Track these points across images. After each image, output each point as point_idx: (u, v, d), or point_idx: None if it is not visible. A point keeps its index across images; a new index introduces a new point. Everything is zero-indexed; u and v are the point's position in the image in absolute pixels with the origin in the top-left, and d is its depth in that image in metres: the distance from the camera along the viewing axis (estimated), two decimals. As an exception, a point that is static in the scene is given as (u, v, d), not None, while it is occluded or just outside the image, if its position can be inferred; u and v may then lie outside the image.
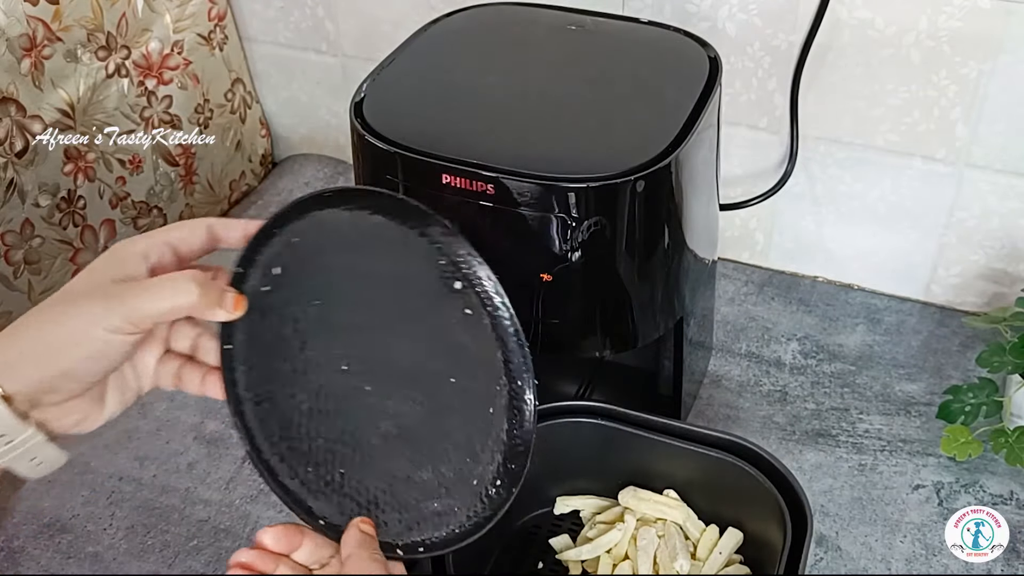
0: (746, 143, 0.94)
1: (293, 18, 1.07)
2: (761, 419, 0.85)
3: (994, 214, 0.88)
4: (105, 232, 0.95)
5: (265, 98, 1.17)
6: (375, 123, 0.67)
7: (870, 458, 0.81)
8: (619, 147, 0.65)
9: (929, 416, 0.83)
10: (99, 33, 0.90)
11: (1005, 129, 0.83)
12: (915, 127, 0.86)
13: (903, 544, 0.75)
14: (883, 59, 0.84)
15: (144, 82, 0.97)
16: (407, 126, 0.67)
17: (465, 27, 0.80)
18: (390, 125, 0.67)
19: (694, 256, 0.74)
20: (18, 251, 0.85)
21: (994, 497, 0.77)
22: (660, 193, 0.65)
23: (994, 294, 0.93)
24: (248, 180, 1.16)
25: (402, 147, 0.65)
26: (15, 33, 0.82)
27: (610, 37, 0.78)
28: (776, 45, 0.87)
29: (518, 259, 0.66)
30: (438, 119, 0.69)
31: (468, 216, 0.65)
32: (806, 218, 0.96)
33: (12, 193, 0.83)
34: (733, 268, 1.01)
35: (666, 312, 0.73)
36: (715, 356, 0.91)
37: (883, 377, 0.88)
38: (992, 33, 0.79)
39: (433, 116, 0.69)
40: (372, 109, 0.69)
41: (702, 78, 0.71)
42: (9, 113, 0.83)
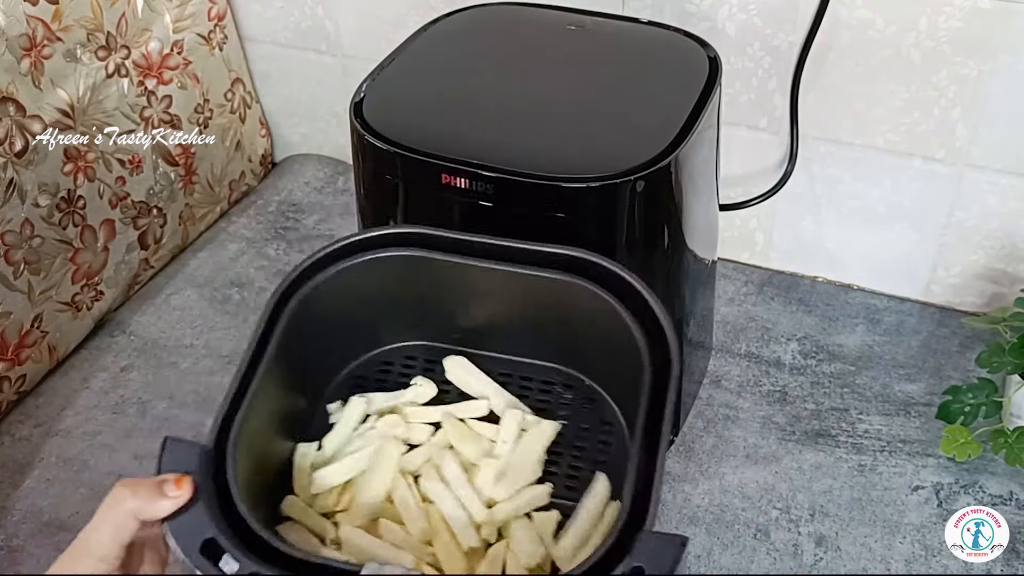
0: (746, 143, 0.93)
1: (293, 18, 1.07)
2: (761, 419, 0.85)
3: (994, 214, 0.88)
4: (105, 232, 0.95)
5: (265, 98, 1.17)
6: (375, 123, 0.67)
7: (870, 458, 0.81)
8: (619, 147, 0.65)
9: (929, 416, 0.83)
10: (99, 33, 0.90)
11: (1005, 129, 0.83)
12: (915, 127, 0.86)
13: (903, 545, 0.75)
14: (883, 59, 0.84)
15: (144, 82, 0.97)
16: (407, 126, 0.67)
17: (465, 27, 0.80)
18: (390, 125, 0.67)
19: (694, 256, 0.74)
20: (18, 251, 0.85)
21: (994, 497, 0.77)
22: (660, 193, 0.65)
23: (994, 294, 0.93)
24: (248, 180, 1.16)
25: (402, 147, 0.65)
26: (15, 33, 0.82)
27: (610, 37, 0.78)
28: (776, 45, 0.87)
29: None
30: (438, 119, 0.69)
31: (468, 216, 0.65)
32: (806, 218, 0.96)
33: (12, 193, 0.83)
34: (733, 268, 1.01)
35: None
36: (715, 356, 0.91)
37: (883, 377, 0.88)
38: (992, 33, 0.79)
39: (433, 116, 0.69)
40: (372, 109, 0.69)
41: (702, 78, 0.71)
42: (9, 113, 0.83)
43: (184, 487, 0.47)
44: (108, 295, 0.97)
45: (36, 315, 0.88)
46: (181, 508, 0.47)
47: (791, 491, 0.79)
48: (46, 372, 0.92)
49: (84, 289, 0.93)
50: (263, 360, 0.54)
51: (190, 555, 0.45)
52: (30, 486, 0.81)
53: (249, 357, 0.54)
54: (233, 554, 0.45)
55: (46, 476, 0.82)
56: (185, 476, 0.47)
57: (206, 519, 0.46)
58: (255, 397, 0.52)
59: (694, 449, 0.82)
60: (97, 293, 0.95)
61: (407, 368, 0.64)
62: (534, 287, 0.58)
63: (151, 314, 0.99)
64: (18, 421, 0.87)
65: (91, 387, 0.90)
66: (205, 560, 0.45)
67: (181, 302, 1.00)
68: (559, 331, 0.61)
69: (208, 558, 0.45)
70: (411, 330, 0.64)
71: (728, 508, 0.78)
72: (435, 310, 0.63)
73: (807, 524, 0.76)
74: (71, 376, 0.92)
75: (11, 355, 0.87)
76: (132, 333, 0.97)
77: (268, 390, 0.54)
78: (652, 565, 0.43)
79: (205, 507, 0.47)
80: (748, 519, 0.77)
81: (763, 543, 0.75)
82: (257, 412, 0.52)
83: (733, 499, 0.78)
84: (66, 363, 0.93)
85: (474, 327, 0.63)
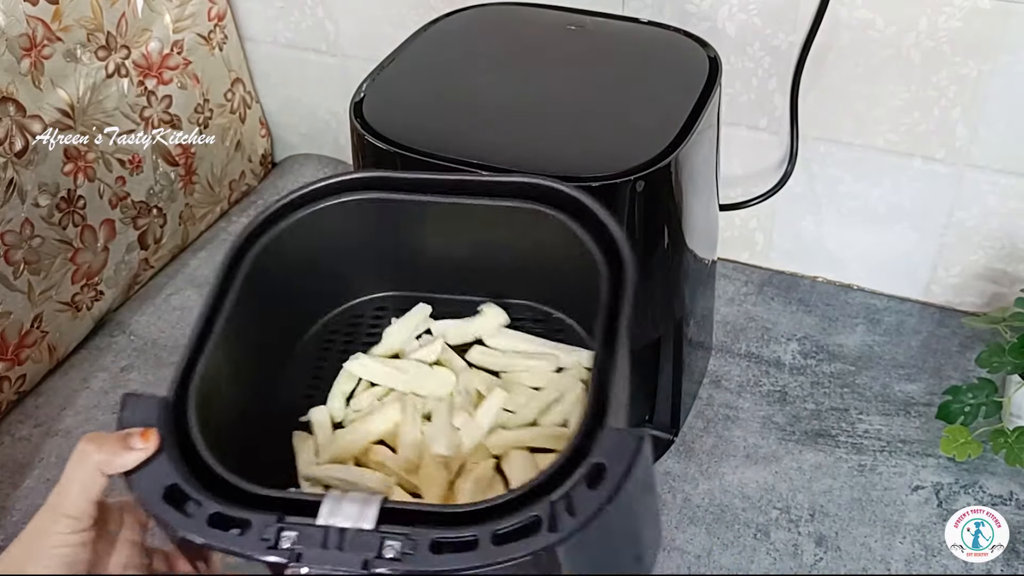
0: (746, 143, 0.93)
1: (293, 18, 1.07)
2: (761, 419, 0.85)
3: (994, 214, 0.88)
4: (105, 232, 0.95)
5: (265, 98, 1.17)
6: (375, 123, 0.67)
7: (870, 458, 0.81)
8: (619, 147, 0.65)
9: (929, 416, 0.83)
10: (99, 33, 0.90)
11: (1005, 129, 0.83)
12: (915, 127, 0.86)
13: (903, 545, 0.75)
14: (883, 59, 0.84)
15: (144, 82, 0.97)
16: (407, 126, 0.67)
17: (465, 27, 0.80)
18: (390, 125, 0.67)
19: (694, 256, 0.74)
20: (18, 251, 0.85)
21: (993, 497, 0.77)
22: (660, 193, 0.65)
23: (994, 294, 0.93)
24: (248, 180, 1.16)
25: (402, 147, 0.65)
26: (15, 33, 0.82)
27: (610, 37, 0.78)
28: (776, 45, 0.87)
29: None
30: (438, 119, 0.69)
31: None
32: (806, 218, 0.96)
33: (12, 193, 0.83)
34: (733, 268, 1.01)
35: (665, 312, 0.73)
36: (715, 356, 0.91)
37: (883, 377, 0.88)
38: (992, 33, 0.79)
39: (433, 116, 0.69)
40: (372, 109, 0.69)
41: (702, 78, 0.71)
42: (9, 113, 0.83)
43: (150, 439, 0.46)
44: (108, 295, 0.97)
45: (36, 315, 0.88)
46: (145, 461, 0.46)
47: (791, 491, 0.79)
48: (46, 372, 0.92)
49: (84, 289, 0.93)
50: (222, 310, 0.53)
51: (153, 503, 0.45)
52: (30, 486, 0.81)
53: (208, 308, 0.52)
54: (195, 497, 0.44)
55: (46, 476, 0.82)
56: (150, 429, 0.46)
57: (169, 467, 0.45)
58: (217, 348, 0.51)
59: (694, 449, 0.82)
60: (97, 293, 0.95)
61: (377, 319, 0.62)
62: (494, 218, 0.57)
63: (151, 314, 0.99)
64: (18, 421, 0.87)
65: (91, 387, 0.90)
66: (168, 506, 0.44)
67: (181, 302, 1.00)
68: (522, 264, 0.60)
69: (172, 505, 0.44)
70: (378, 279, 0.62)
71: (728, 508, 0.78)
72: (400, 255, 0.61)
73: (807, 524, 0.76)
74: (71, 376, 0.92)
75: (11, 355, 0.87)
76: (132, 333, 0.97)
77: (231, 341, 0.52)
78: (613, 460, 0.42)
79: (168, 457, 0.46)
80: (748, 519, 0.77)
81: (763, 543, 0.75)
82: (219, 363, 0.51)
83: (733, 499, 0.78)
84: (66, 363, 0.93)
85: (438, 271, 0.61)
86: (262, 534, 0.43)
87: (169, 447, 0.46)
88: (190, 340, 0.51)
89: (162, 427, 0.47)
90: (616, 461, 0.42)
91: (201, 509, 0.44)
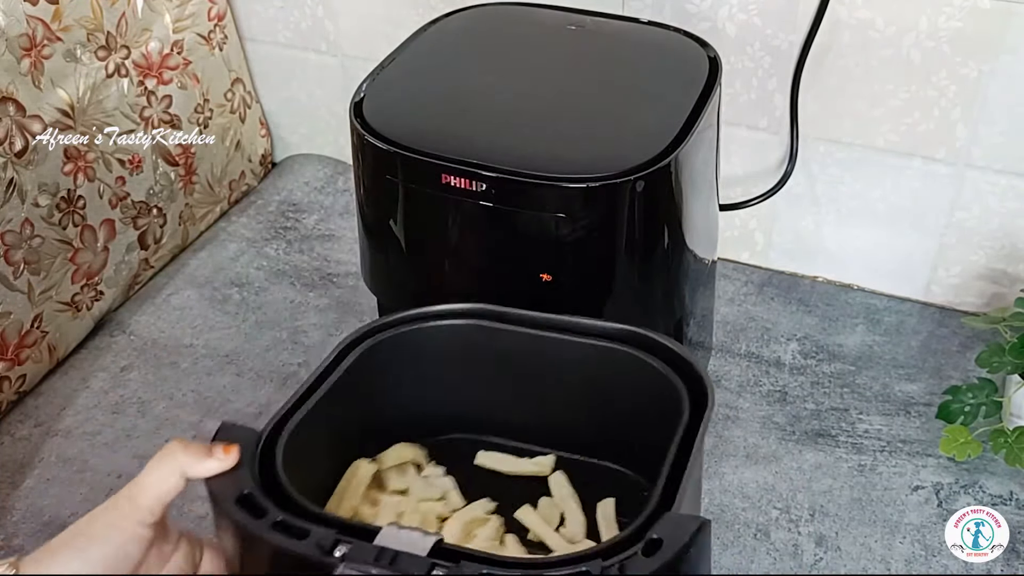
0: (746, 143, 0.94)
1: (293, 18, 1.07)
2: (761, 419, 0.85)
3: (994, 214, 0.88)
4: (105, 232, 0.95)
5: (265, 98, 1.17)
6: (375, 123, 0.67)
7: (870, 458, 0.81)
8: (619, 147, 0.65)
9: (929, 416, 0.83)
10: (99, 33, 0.90)
11: (1005, 129, 0.83)
12: (915, 127, 0.86)
13: (903, 545, 0.75)
14: (883, 59, 0.84)
15: (144, 82, 0.97)
16: (407, 126, 0.67)
17: (465, 27, 0.80)
18: (390, 125, 0.67)
19: (694, 256, 0.74)
20: (18, 251, 0.85)
21: (994, 497, 0.77)
22: (660, 193, 0.65)
23: (994, 294, 0.93)
24: (248, 180, 1.16)
25: (402, 147, 0.65)
26: (15, 33, 0.82)
27: (610, 37, 0.78)
28: (776, 45, 0.87)
29: (518, 259, 0.66)
30: (438, 119, 0.69)
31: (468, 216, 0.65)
32: (806, 218, 0.96)
33: (12, 193, 0.83)
34: (733, 268, 1.01)
35: (666, 312, 0.73)
36: (715, 356, 0.91)
37: (883, 377, 0.88)
38: (992, 33, 0.79)
39: (433, 116, 0.69)
40: (372, 109, 0.69)
41: (702, 78, 0.71)
42: (9, 113, 0.83)
43: (231, 453, 0.49)
44: (108, 295, 0.97)
45: (36, 315, 0.88)
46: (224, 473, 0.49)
47: (791, 491, 0.79)
48: (46, 372, 0.92)
49: (84, 289, 0.93)
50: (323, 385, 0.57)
51: (226, 504, 0.47)
52: (30, 486, 0.81)
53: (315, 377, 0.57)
54: (264, 506, 0.47)
55: (46, 476, 0.82)
56: (233, 445, 0.50)
57: (247, 478, 0.48)
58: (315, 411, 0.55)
59: (694, 449, 0.82)
60: (97, 293, 0.95)
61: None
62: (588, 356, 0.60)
63: (151, 314, 0.99)
64: (18, 421, 0.87)
65: (91, 387, 0.90)
66: (239, 509, 0.47)
67: (181, 302, 1.00)
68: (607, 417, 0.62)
69: (243, 508, 0.47)
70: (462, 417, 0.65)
71: (728, 508, 0.78)
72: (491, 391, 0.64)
73: (807, 524, 0.76)
74: (71, 376, 0.92)
75: (11, 355, 0.87)
76: (132, 333, 0.97)
77: (323, 415, 0.56)
78: (671, 538, 0.44)
79: (248, 470, 0.49)
80: (748, 519, 0.77)
81: (763, 543, 0.75)
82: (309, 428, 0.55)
83: (733, 499, 0.78)
84: (66, 363, 0.93)
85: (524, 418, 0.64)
86: (319, 541, 0.45)
87: (251, 467, 0.50)
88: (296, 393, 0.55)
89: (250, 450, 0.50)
90: (674, 539, 0.44)
91: (267, 515, 0.47)
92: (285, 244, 1.07)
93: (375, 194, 0.71)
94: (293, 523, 0.46)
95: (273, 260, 1.05)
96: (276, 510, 0.47)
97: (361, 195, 0.72)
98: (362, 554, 0.44)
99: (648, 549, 0.44)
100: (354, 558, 0.44)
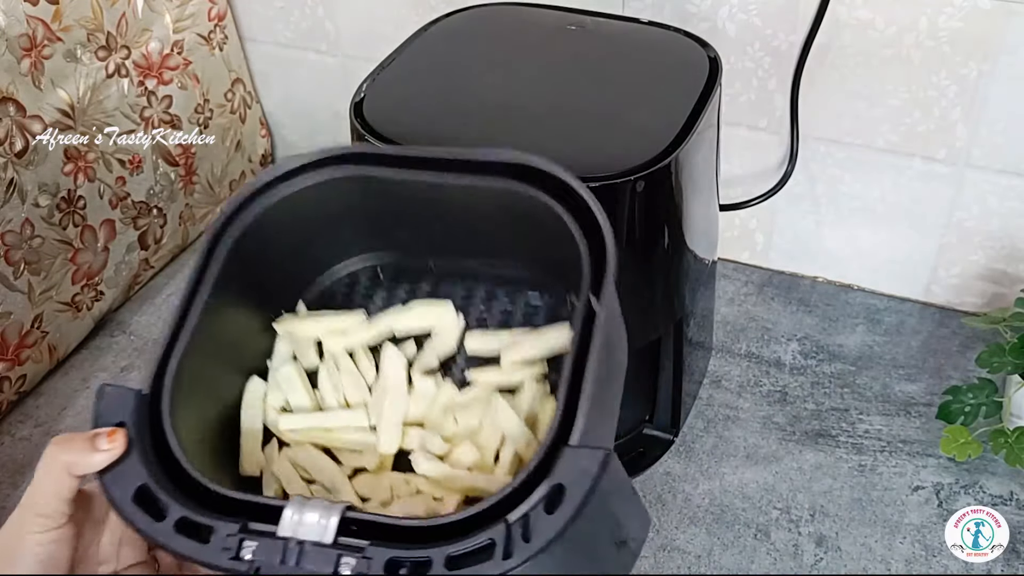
0: (746, 143, 0.93)
1: (293, 18, 1.07)
2: (761, 419, 0.85)
3: (994, 214, 0.88)
4: (105, 232, 0.95)
5: (265, 98, 1.17)
6: (375, 123, 0.67)
7: (870, 459, 0.81)
8: (619, 147, 0.65)
9: (929, 417, 0.83)
10: (99, 33, 0.90)
11: (1005, 129, 0.83)
12: (915, 127, 0.86)
13: (903, 545, 0.75)
14: (883, 59, 0.84)
15: (144, 82, 0.97)
16: (407, 126, 0.67)
17: (465, 27, 0.80)
18: (390, 125, 0.67)
19: (694, 256, 0.74)
20: (18, 251, 0.85)
21: (994, 498, 0.77)
22: (660, 193, 0.65)
23: (994, 294, 0.93)
24: (248, 180, 1.16)
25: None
26: (15, 33, 0.82)
27: (610, 37, 0.78)
28: (776, 45, 0.87)
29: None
30: (438, 119, 0.69)
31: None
32: (806, 218, 0.96)
33: (12, 193, 0.83)
34: (733, 268, 1.01)
35: (666, 312, 0.73)
36: (715, 356, 0.91)
37: (883, 377, 0.88)
38: (992, 33, 0.79)
39: (433, 116, 0.69)
40: (372, 109, 0.69)
41: (702, 78, 0.71)
42: (9, 113, 0.83)
43: (117, 440, 0.45)
44: (108, 295, 0.97)
45: (36, 315, 0.88)
46: (117, 460, 0.45)
47: (791, 491, 0.79)
48: (46, 372, 0.92)
49: (84, 289, 0.93)
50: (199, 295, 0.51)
51: (124, 505, 0.44)
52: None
53: (186, 295, 0.51)
54: (163, 500, 0.44)
55: (46, 476, 0.82)
56: (118, 428, 0.46)
57: (139, 467, 0.45)
58: (196, 335, 0.49)
59: (694, 449, 0.82)
60: (97, 293, 0.95)
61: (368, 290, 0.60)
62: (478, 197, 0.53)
63: (151, 314, 0.99)
64: (18, 421, 0.87)
65: (91, 387, 0.90)
66: (138, 509, 0.44)
67: (181, 302, 1.00)
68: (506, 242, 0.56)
69: (142, 507, 0.44)
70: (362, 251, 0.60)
71: (728, 508, 0.78)
72: (384, 229, 0.58)
73: (807, 524, 0.76)
74: (71, 376, 0.92)
75: (11, 355, 0.87)
76: (132, 333, 0.97)
77: (212, 326, 0.51)
78: (573, 483, 0.40)
79: (140, 455, 0.45)
80: (748, 519, 0.77)
81: (763, 543, 0.75)
82: (200, 350, 0.50)
83: (733, 499, 0.78)
84: (66, 363, 0.93)
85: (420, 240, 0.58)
86: (224, 544, 0.43)
87: (142, 443, 0.46)
88: (166, 331, 0.49)
89: (137, 422, 0.46)
90: (576, 484, 0.40)
91: (169, 515, 0.44)
92: (285, 244, 1.07)
93: (375, 194, 0.71)
94: (194, 520, 0.43)
95: (273, 260, 1.05)
96: (176, 504, 0.44)
97: (361, 195, 0.72)
98: (269, 555, 0.42)
99: (550, 501, 0.40)
100: (261, 561, 0.42)
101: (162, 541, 0.43)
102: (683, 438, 0.83)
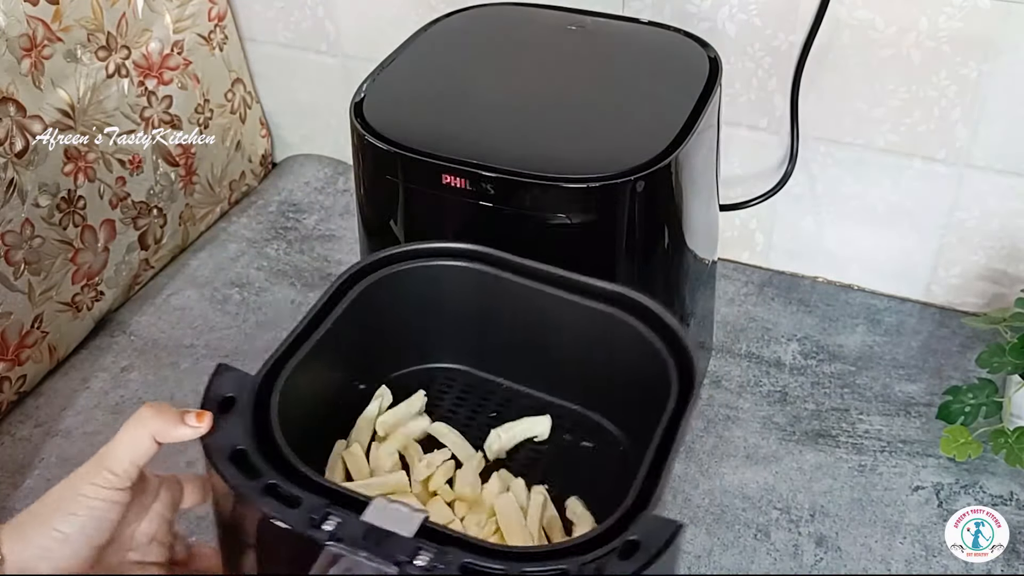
0: (746, 143, 0.94)
1: (293, 18, 1.07)
2: (761, 419, 0.85)
3: (994, 215, 0.88)
4: (105, 232, 0.95)
5: (265, 98, 1.17)
6: (375, 123, 0.67)
7: (870, 459, 0.81)
8: (619, 147, 0.65)
9: (929, 417, 0.83)
10: (99, 33, 0.90)
11: (1005, 129, 0.83)
12: (915, 127, 0.86)
13: (903, 545, 0.75)
14: (883, 59, 0.84)
15: (144, 82, 0.97)
16: (407, 126, 0.68)
17: (465, 27, 0.80)
18: (390, 125, 0.67)
19: (694, 256, 0.74)
20: (18, 251, 0.85)
21: (994, 498, 0.77)
22: (660, 193, 0.65)
23: (994, 295, 0.93)
24: (248, 180, 1.16)
25: (402, 147, 0.65)
26: (15, 33, 0.82)
27: (610, 37, 0.78)
28: (776, 45, 0.87)
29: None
30: (438, 119, 0.69)
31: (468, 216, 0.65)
32: (806, 218, 0.96)
33: (12, 193, 0.83)
34: (733, 268, 1.01)
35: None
36: (715, 356, 0.91)
37: (883, 378, 0.88)
38: (992, 33, 0.79)
39: (433, 116, 0.69)
40: (372, 109, 0.69)
41: (702, 78, 0.71)
42: (9, 113, 0.83)
43: (204, 420, 0.49)
44: (108, 295, 0.97)
45: (36, 315, 0.88)
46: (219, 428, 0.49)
47: (791, 491, 0.79)
48: (46, 372, 0.92)
49: (84, 289, 0.93)
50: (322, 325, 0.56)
51: (219, 460, 0.47)
52: (30, 486, 0.81)
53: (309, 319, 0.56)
54: (258, 466, 0.47)
55: (46, 476, 0.82)
56: (206, 412, 0.49)
57: (241, 433, 0.48)
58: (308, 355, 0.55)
59: (694, 449, 0.82)
60: (97, 293, 0.95)
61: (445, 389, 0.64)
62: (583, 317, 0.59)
63: (151, 314, 0.99)
64: (18, 421, 0.87)
65: (91, 387, 0.90)
66: (231, 465, 0.47)
67: (181, 302, 1.00)
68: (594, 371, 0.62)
69: (236, 465, 0.47)
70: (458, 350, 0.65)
71: (728, 508, 0.78)
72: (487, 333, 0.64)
73: (807, 524, 0.76)
74: (71, 376, 0.92)
75: (11, 355, 0.87)
76: (132, 333, 0.97)
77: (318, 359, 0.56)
78: (648, 541, 0.44)
79: (242, 427, 0.49)
80: (748, 519, 0.77)
81: (763, 543, 0.75)
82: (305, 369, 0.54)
83: (733, 499, 0.78)
84: (66, 363, 0.93)
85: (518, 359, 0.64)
86: (310, 512, 0.45)
87: (245, 419, 0.49)
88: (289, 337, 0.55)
89: (245, 399, 0.50)
90: (651, 542, 0.44)
91: (261, 477, 0.46)
92: (285, 244, 1.07)
93: (375, 194, 0.71)
94: (285, 489, 0.46)
95: (273, 260, 1.05)
96: (270, 471, 0.47)
97: (361, 195, 0.72)
98: (350, 531, 0.44)
99: (625, 552, 0.44)
100: (342, 535, 0.44)
101: (249, 496, 0.46)
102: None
